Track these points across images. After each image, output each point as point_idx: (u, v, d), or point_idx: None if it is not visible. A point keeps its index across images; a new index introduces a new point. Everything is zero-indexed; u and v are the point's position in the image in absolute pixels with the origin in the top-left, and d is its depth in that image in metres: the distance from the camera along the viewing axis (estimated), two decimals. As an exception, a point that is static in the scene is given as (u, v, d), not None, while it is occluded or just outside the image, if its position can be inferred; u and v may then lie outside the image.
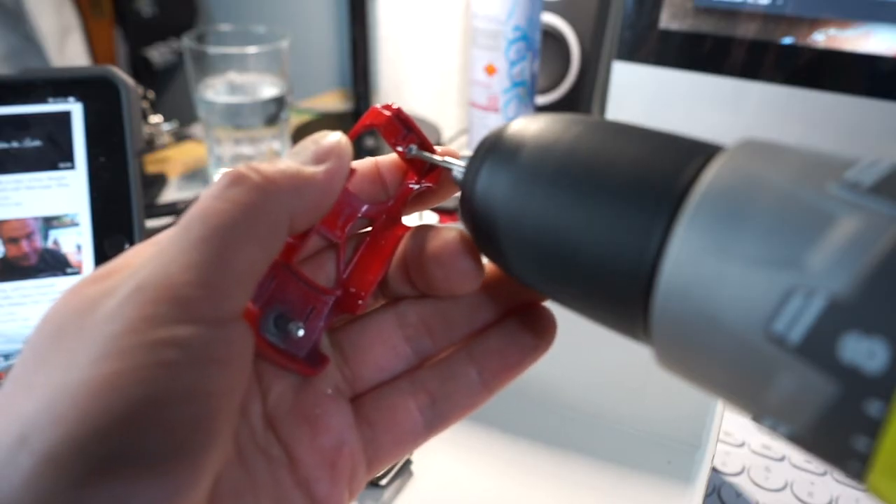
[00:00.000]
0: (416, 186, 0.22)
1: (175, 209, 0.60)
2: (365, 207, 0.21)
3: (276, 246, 0.17)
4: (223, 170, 0.65)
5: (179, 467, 0.14)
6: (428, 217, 0.59)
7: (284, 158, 0.19)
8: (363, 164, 0.22)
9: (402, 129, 0.21)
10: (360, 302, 0.20)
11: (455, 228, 0.20)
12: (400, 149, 0.21)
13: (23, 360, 0.15)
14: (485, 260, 0.20)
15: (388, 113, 0.21)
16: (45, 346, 0.15)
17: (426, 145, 0.22)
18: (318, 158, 0.19)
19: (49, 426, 0.13)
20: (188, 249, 0.15)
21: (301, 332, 0.19)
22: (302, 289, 0.20)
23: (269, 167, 0.18)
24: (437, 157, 0.21)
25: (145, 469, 0.14)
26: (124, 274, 0.16)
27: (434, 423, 0.21)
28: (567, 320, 0.22)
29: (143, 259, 0.16)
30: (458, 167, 0.20)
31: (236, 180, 0.17)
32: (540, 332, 0.22)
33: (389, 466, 0.38)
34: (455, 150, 0.21)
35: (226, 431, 0.16)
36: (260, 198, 0.17)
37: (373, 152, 0.70)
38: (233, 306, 0.16)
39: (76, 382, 0.14)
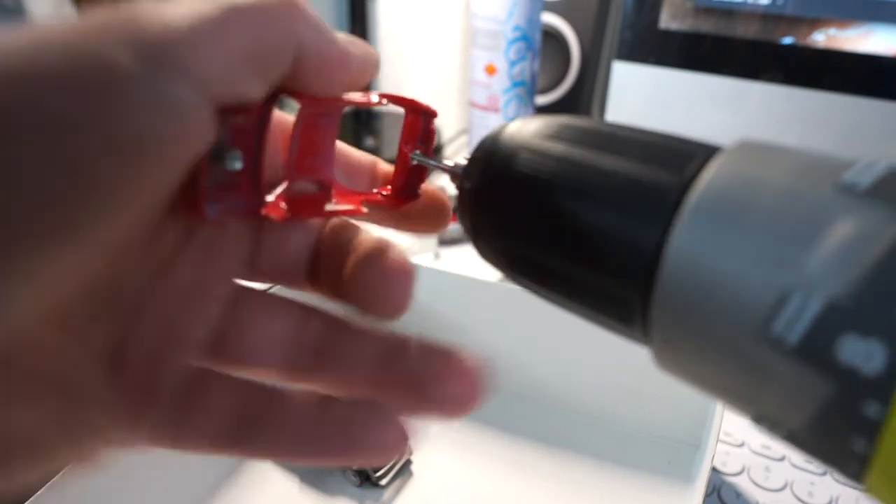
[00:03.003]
0: (380, 196, 0.21)
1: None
2: (337, 177, 0.20)
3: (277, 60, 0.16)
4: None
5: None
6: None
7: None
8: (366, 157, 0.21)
9: (422, 134, 0.21)
10: (264, 206, 0.18)
11: (398, 246, 0.18)
12: (408, 153, 0.21)
13: None
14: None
15: (434, 114, 0.21)
16: None
17: (429, 156, 0.21)
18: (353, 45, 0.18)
19: None
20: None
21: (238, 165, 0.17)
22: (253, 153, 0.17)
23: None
24: (433, 162, 0.21)
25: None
26: None
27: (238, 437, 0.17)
28: (567, 320, 0.22)
29: None
30: (457, 169, 0.20)
31: None
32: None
33: (388, 467, 0.38)
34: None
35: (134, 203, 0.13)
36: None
37: (374, 153, 0.70)
38: (203, 74, 0.13)
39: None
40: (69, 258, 0.12)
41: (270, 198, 0.18)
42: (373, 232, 0.20)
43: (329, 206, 0.20)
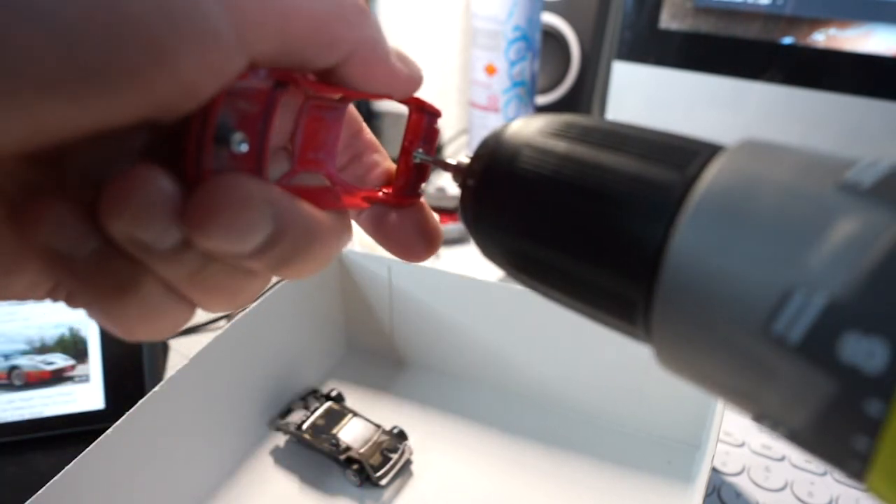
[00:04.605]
0: (381, 194, 0.21)
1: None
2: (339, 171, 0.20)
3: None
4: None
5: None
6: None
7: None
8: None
9: (425, 133, 0.21)
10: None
11: None
12: (411, 151, 0.21)
13: None
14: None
15: (438, 114, 0.21)
16: None
17: (431, 155, 0.21)
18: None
19: None
20: None
21: (244, 147, 0.17)
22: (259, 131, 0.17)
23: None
24: (438, 159, 0.21)
25: None
26: None
27: None
28: (567, 320, 0.22)
29: None
30: (460, 166, 0.20)
31: None
32: None
33: (388, 466, 0.38)
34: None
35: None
36: None
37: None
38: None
39: None
40: (63, 115, 0.13)
41: None
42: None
43: (330, 200, 0.20)
